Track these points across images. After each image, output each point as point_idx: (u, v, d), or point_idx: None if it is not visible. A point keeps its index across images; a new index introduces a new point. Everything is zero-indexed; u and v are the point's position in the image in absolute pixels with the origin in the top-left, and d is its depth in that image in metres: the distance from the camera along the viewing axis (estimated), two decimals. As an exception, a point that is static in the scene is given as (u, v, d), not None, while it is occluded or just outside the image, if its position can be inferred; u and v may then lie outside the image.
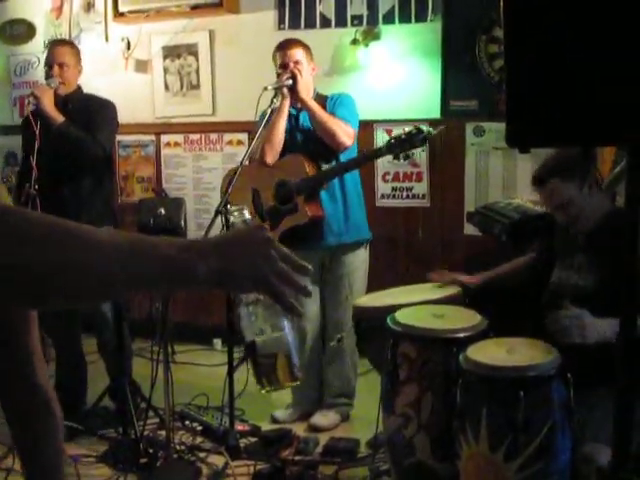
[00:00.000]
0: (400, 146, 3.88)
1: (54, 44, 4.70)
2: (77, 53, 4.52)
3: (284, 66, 4.21)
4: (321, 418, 4.36)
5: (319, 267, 4.35)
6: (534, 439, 2.52)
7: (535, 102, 1.77)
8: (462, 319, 3.05)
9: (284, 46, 4.28)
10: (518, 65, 1.78)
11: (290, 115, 4.31)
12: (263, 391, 1.33)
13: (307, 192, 4.17)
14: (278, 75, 4.25)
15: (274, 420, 4.43)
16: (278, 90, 4.16)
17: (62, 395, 4.43)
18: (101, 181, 4.47)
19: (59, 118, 4.23)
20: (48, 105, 4.24)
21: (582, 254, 3.00)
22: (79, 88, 4.51)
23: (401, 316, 3.05)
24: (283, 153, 4.29)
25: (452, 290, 3.41)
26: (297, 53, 4.25)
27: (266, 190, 4.31)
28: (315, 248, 4.25)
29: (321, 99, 4.33)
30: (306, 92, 4.23)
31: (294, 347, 1.33)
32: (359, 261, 4.37)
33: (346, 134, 4.17)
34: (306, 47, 4.32)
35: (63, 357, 4.53)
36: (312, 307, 4.36)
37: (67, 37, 6.20)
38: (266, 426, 4.32)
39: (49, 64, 4.41)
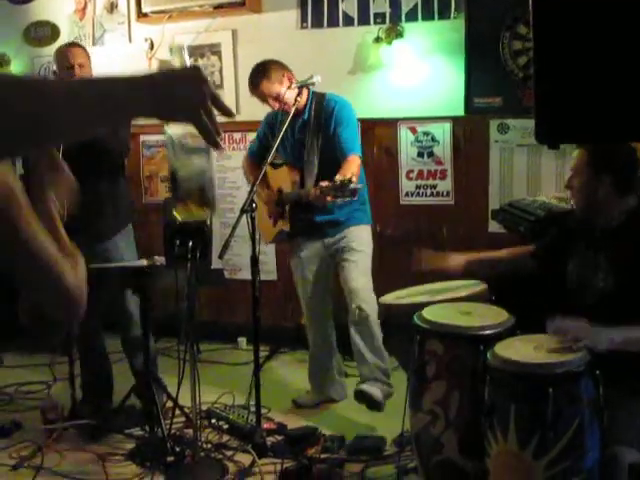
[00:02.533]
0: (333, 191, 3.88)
1: (68, 46, 4.65)
2: (89, 55, 4.55)
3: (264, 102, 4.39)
4: (370, 387, 4.30)
5: (325, 252, 4.49)
6: (563, 436, 2.52)
7: (565, 97, 1.75)
8: (489, 316, 3.05)
9: (251, 86, 4.40)
10: (547, 59, 1.77)
11: (298, 121, 4.40)
12: (177, 216, 1.48)
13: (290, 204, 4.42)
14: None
15: (296, 404, 4.54)
16: (301, 88, 4.18)
17: (88, 394, 4.53)
18: (117, 180, 4.51)
19: None
20: None
21: (603, 253, 2.95)
22: None
23: (428, 313, 3.05)
24: (300, 158, 4.40)
25: (478, 287, 3.40)
26: (264, 89, 4.31)
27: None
28: (320, 238, 4.47)
29: (318, 99, 4.38)
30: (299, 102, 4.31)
31: (212, 182, 1.48)
32: (363, 235, 4.47)
33: (359, 168, 4.28)
34: (270, 72, 4.34)
35: (87, 357, 4.57)
36: (321, 292, 4.54)
37: (91, 38, 6.24)
38: (291, 423, 4.33)
39: (68, 65, 4.41)
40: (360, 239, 4.44)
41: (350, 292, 4.36)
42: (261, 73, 4.35)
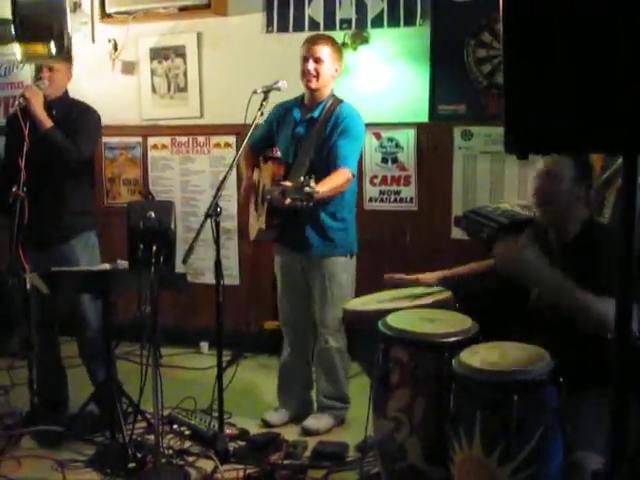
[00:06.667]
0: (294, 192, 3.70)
1: None
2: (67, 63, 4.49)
3: (305, 59, 4.18)
4: (313, 421, 4.34)
5: (301, 269, 4.36)
6: (527, 443, 2.52)
7: (534, 108, 1.76)
8: (453, 323, 3.04)
9: (312, 40, 4.24)
10: (516, 71, 1.78)
11: (306, 116, 4.29)
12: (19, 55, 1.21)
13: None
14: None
15: (265, 423, 4.41)
16: (268, 93, 4.14)
17: (45, 400, 4.45)
18: (80, 185, 4.46)
19: (48, 122, 4.21)
20: (38, 108, 4.22)
21: (560, 266, 2.94)
22: (66, 93, 4.49)
23: (392, 320, 3.04)
24: (292, 154, 4.26)
25: (443, 294, 3.41)
26: (322, 50, 4.16)
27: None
28: (296, 250, 4.30)
29: (335, 103, 4.27)
30: (321, 92, 4.24)
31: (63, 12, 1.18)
32: (337, 267, 4.26)
33: (346, 184, 4.09)
34: (335, 46, 4.26)
35: (43, 362, 4.49)
36: (298, 302, 4.40)
37: (53, 38, 6.16)
38: (254, 428, 4.31)
39: (39, 66, 4.38)
40: (334, 269, 4.25)
41: (319, 321, 4.33)
42: (332, 40, 4.29)
